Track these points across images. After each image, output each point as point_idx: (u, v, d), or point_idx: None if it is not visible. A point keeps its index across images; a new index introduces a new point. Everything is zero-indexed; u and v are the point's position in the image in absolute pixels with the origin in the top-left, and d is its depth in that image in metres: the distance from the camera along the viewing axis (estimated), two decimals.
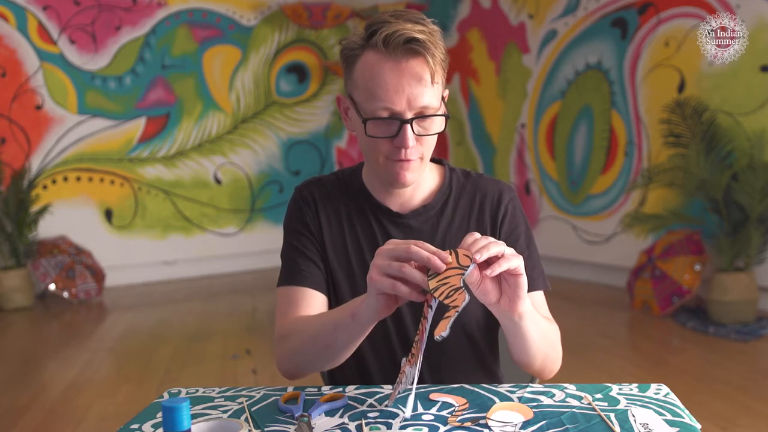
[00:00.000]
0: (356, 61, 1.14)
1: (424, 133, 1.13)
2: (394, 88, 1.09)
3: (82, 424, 2.91)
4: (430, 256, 0.93)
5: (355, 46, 1.14)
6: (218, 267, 6.23)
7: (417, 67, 1.10)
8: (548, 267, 1.53)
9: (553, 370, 1.22)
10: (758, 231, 3.87)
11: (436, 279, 0.94)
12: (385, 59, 1.10)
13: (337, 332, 1.07)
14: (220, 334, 4.25)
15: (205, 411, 1.07)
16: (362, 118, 1.12)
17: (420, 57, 1.10)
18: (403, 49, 1.09)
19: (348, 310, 1.06)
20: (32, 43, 5.52)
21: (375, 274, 0.96)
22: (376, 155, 1.16)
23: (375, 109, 1.11)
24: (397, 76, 1.09)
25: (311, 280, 1.23)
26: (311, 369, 1.18)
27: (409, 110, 1.11)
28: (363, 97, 1.13)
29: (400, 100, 1.10)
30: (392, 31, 1.08)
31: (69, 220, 5.61)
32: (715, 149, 4.10)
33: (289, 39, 6.54)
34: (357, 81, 1.14)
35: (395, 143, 1.12)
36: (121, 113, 5.87)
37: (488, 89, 6.20)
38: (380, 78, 1.10)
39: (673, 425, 0.95)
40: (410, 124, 1.11)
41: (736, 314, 3.88)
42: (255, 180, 6.47)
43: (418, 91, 1.10)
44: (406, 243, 0.95)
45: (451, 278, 0.94)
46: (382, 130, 1.12)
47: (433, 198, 1.27)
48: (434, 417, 1.01)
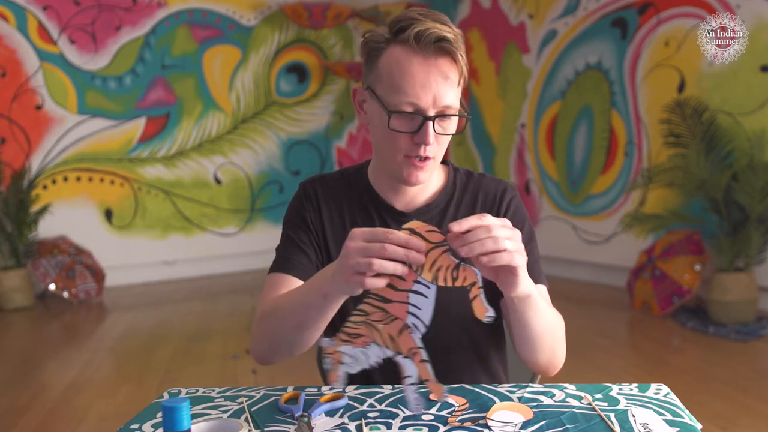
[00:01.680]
0: (381, 54, 1.14)
1: (443, 132, 1.14)
2: (422, 83, 1.10)
3: (82, 424, 2.91)
4: (407, 253, 0.92)
5: (381, 39, 1.14)
6: (218, 267, 6.23)
7: (445, 66, 1.11)
8: (548, 267, 1.53)
9: (558, 366, 1.21)
10: (758, 231, 3.87)
11: (427, 269, 0.93)
12: (414, 54, 1.11)
13: (309, 311, 1.07)
14: (220, 334, 4.25)
15: (205, 411, 1.07)
16: (387, 111, 1.12)
17: (449, 56, 1.11)
18: (434, 47, 1.10)
19: (319, 290, 1.04)
20: (32, 43, 5.51)
21: (347, 274, 0.94)
22: (393, 151, 1.16)
23: (399, 102, 1.11)
24: (425, 72, 1.10)
25: (299, 270, 1.23)
26: (282, 351, 1.15)
27: (433, 107, 1.11)
28: (387, 90, 1.13)
29: (426, 96, 1.10)
30: (425, 28, 1.10)
31: (69, 220, 5.61)
32: (715, 149, 4.10)
33: (289, 39, 6.54)
34: (381, 74, 1.14)
35: (416, 139, 1.13)
36: (121, 113, 5.87)
37: (488, 89, 6.20)
38: (408, 72, 1.11)
39: (673, 425, 0.95)
40: (433, 121, 1.11)
41: (736, 314, 3.88)
42: (255, 180, 6.47)
43: (444, 90, 1.11)
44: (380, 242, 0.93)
45: (439, 260, 0.93)
46: (405, 124, 1.13)
47: (437, 197, 1.27)
48: (434, 417, 1.01)
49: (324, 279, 1.04)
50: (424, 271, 0.94)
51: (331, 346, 0.98)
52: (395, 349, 0.98)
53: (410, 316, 0.97)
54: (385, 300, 0.97)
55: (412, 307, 0.97)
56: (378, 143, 1.19)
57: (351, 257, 0.94)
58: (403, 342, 0.97)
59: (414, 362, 0.98)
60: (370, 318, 0.98)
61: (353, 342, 0.98)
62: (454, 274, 0.93)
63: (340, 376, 0.98)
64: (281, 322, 1.13)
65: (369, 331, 0.98)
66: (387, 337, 0.98)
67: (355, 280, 0.94)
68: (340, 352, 0.98)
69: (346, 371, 0.99)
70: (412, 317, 0.97)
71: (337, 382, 0.99)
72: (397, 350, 0.98)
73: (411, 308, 0.97)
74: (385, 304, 0.97)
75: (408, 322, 0.97)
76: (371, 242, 0.93)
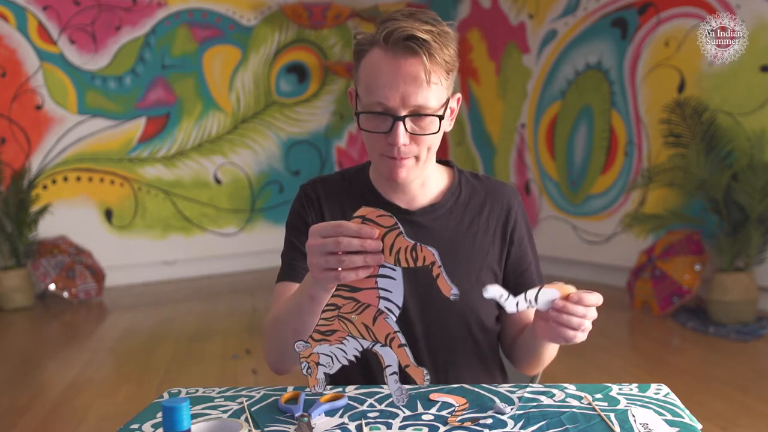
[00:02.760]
0: (365, 55, 1.15)
1: (419, 132, 1.13)
2: (389, 84, 1.10)
3: (82, 424, 2.91)
4: (362, 242, 0.92)
5: (366, 42, 1.15)
6: (218, 267, 6.23)
7: (412, 66, 1.10)
8: (548, 267, 1.54)
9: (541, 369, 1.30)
10: (758, 231, 3.87)
11: (387, 253, 0.93)
12: (385, 55, 1.11)
13: (302, 316, 1.07)
14: (220, 334, 4.25)
15: (205, 411, 1.07)
16: (357, 112, 1.15)
17: (417, 56, 1.09)
18: (402, 46, 1.10)
19: (306, 293, 1.05)
20: (32, 43, 5.51)
21: (316, 272, 0.96)
22: (372, 151, 1.18)
23: (370, 103, 1.12)
24: (393, 73, 1.10)
25: (304, 276, 1.23)
26: (291, 359, 1.14)
27: (402, 108, 1.11)
28: (363, 91, 1.14)
29: (394, 96, 1.10)
30: (395, 28, 1.09)
31: (69, 220, 5.61)
32: (715, 149, 4.10)
33: (289, 39, 6.54)
34: (360, 75, 1.15)
35: (388, 140, 1.13)
36: (121, 113, 5.87)
37: (488, 89, 6.20)
38: (378, 73, 1.11)
39: (673, 425, 0.95)
40: (402, 121, 1.11)
41: (736, 314, 3.88)
42: (255, 180, 6.47)
43: (412, 90, 1.10)
44: (332, 236, 0.93)
45: (396, 242, 0.93)
46: (376, 125, 1.14)
47: (443, 197, 1.27)
48: (434, 417, 1.01)
49: (308, 281, 1.05)
50: (384, 256, 0.93)
51: (306, 349, 0.97)
52: (372, 338, 0.97)
53: (382, 300, 0.96)
54: (354, 289, 0.97)
55: (382, 292, 0.96)
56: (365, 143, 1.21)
57: (313, 255, 0.95)
58: (379, 329, 0.97)
59: (393, 348, 0.97)
60: (342, 311, 0.97)
61: (328, 339, 0.97)
62: (413, 255, 0.93)
63: (319, 378, 0.98)
64: (281, 331, 1.14)
65: (343, 325, 0.97)
66: (362, 327, 0.97)
67: (325, 276, 0.95)
68: (316, 353, 0.97)
69: (325, 372, 0.98)
70: (384, 302, 0.96)
71: (317, 385, 0.98)
72: (374, 339, 0.97)
73: (381, 293, 0.96)
74: (355, 293, 0.97)
75: (381, 307, 0.96)
76: (327, 237, 0.94)
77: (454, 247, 1.24)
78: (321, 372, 0.98)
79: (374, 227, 0.93)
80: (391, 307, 0.97)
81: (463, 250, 1.25)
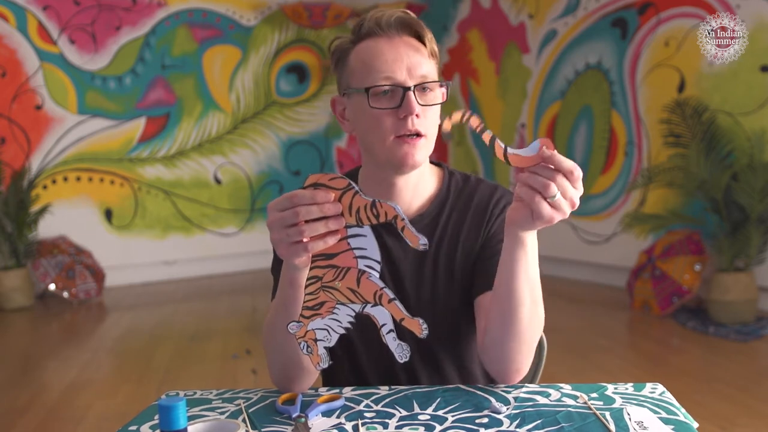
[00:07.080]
0: (349, 53, 1.16)
1: (426, 104, 1.13)
2: (393, 58, 1.12)
3: (82, 424, 2.91)
4: (321, 208, 0.92)
5: (345, 44, 1.17)
6: (218, 267, 6.23)
7: (411, 41, 1.15)
8: (548, 267, 1.53)
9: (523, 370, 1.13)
10: (758, 231, 3.87)
11: (347, 214, 0.93)
12: (379, 38, 1.14)
13: (289, 308, 1.04)
14: (220, 334, 4.25)
15: (202, 413, 1.07)
16: (364, 89, 1.11)
17: (413, 33, 1.15)
18: (396, 26, 1.14)
19: (285, 281, 1.04)
20: (32, 43, 5.52)
21: (282, 248, 0.95)
22: (382, 136, 1.13)
23: (375, 80, 1.12)
24: (394, 48, 1.13)
25: None
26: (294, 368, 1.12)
27: (410, 78, 1.12)
28: (361, 77, 1.13)
29: (400, 68, 1.11)
30: (380, 15, 1.14)
31: (69, 220, 5.61)
32: (715, 149, 4.10)
33: (289, 39, 6.54)
34: (353, 68, 1.15)
35: (400, 113, 1.11)
36: (121, 113, 5.87)
37: (488, 89, 6.19)
38: (378, 53, 1.13)
39: (668, 423, 0.95)
40: (414, 91, 1.11)
41: (736, 314, 3.88)
42: (255, 180, 6.47)
43: (416, 60, 1.12)
44: (289, 208, 0.93)
45: (354, 202, 0.92)
46: (386, 101, 1.12)
47: (429, 206, 1.24)
48: (430, 417, 1.01)
49: (283, 270, 1.04)
50: (345, 217, 0.93)
51: (300, 329, 0.96)
52: (361, 300, 0.96)
53: (360, 260, 0.96)
54: (329, 256, 0.96)
55: (357, 251, 0.96)
56: (366, 138, 1.16)
57: (274, 232, 0.95)
58: (365, 288, 0.96)
59: (384, 305, 0.96)
60: (324, 280, 0.96)
61: (319, 313, 0.97)
62: (374, 211, 0.92)
63: (321, 354, 0.96)
64: (276, 337, 1.10)
65: (329, 295, 0.96)
66: (348, 292, 0.96)
67: (293, 250, 0.94)
68: (311, 330, 0.96)
69: (325, 347, 0.97)
70: (362, 260, 0.96)
71: (320, 361, 0.97)
72: (363, 301, 0.96)
73: (357, 252, 0.96)
74: (332, 260, 0.96)
75: (361, 266, 0.96)
76: (284, 211, 0.93)
77: (437, 254, 1.23)
78: (321, 347, 0.97)
79: (329, 191, 0.93)
80: (371, 264, 0.96)
81: (446, 258, 1.23)
